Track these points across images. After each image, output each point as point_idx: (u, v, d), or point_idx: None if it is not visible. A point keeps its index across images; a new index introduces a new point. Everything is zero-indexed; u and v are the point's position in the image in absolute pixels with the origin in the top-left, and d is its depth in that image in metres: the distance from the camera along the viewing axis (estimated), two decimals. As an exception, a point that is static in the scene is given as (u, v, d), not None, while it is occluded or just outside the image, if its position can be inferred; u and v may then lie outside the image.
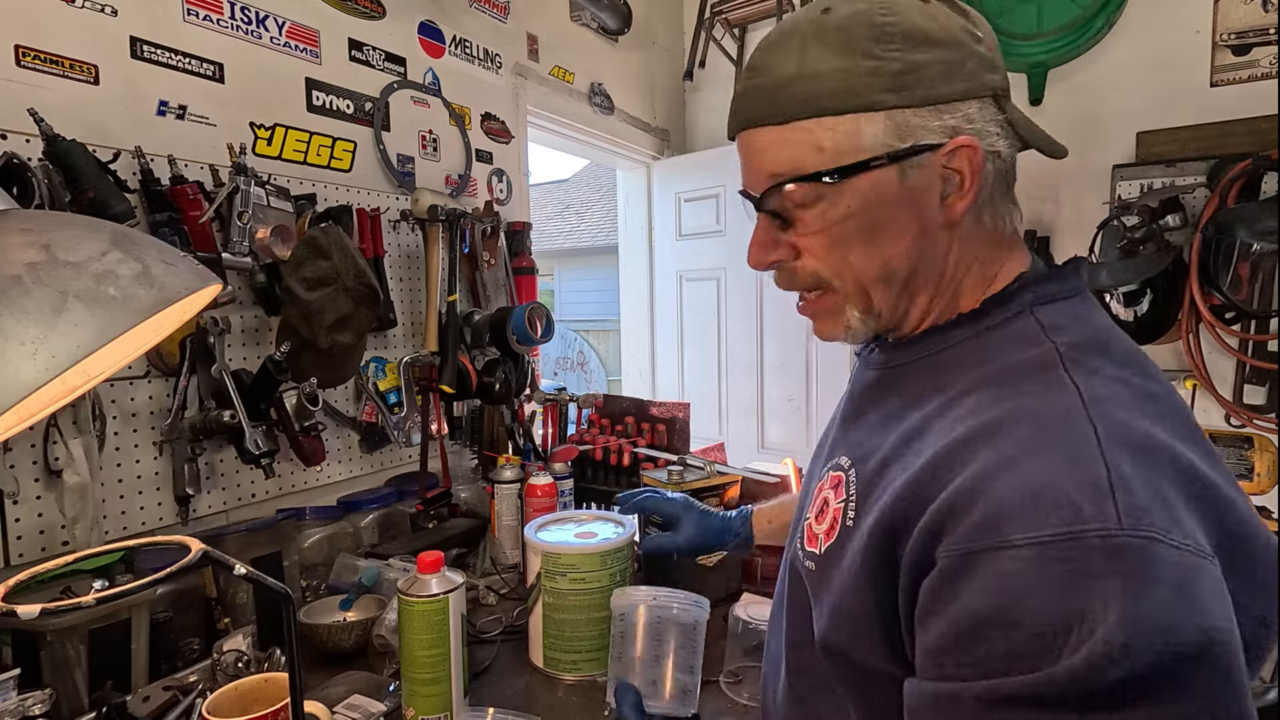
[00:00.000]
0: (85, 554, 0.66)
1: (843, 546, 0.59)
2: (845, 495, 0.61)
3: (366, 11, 1.74)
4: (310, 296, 1.35)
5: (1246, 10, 2.05)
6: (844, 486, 0.62)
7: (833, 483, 0.64)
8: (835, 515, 0.61)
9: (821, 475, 0.68)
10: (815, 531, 0.64)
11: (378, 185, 1.77)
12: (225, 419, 1.29)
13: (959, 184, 0.58)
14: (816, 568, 0.62)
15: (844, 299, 0.63)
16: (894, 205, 0.58)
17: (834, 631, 0.59)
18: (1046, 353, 0.55)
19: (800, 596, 0.66)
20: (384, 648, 1.15)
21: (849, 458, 0.64)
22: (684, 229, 3.03)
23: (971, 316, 0.61)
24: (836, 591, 0.58)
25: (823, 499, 0.65)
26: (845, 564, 0.58)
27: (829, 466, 0.67)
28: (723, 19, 2.90)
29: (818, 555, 0.62)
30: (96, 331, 0.50)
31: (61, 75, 1.22)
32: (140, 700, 0.98)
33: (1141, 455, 0.47)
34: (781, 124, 0.58)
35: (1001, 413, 0.52)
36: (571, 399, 1.97)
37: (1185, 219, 1.98)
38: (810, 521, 0.65)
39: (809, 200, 0.59)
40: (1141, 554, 0.43)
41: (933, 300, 0.62)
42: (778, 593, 0.76)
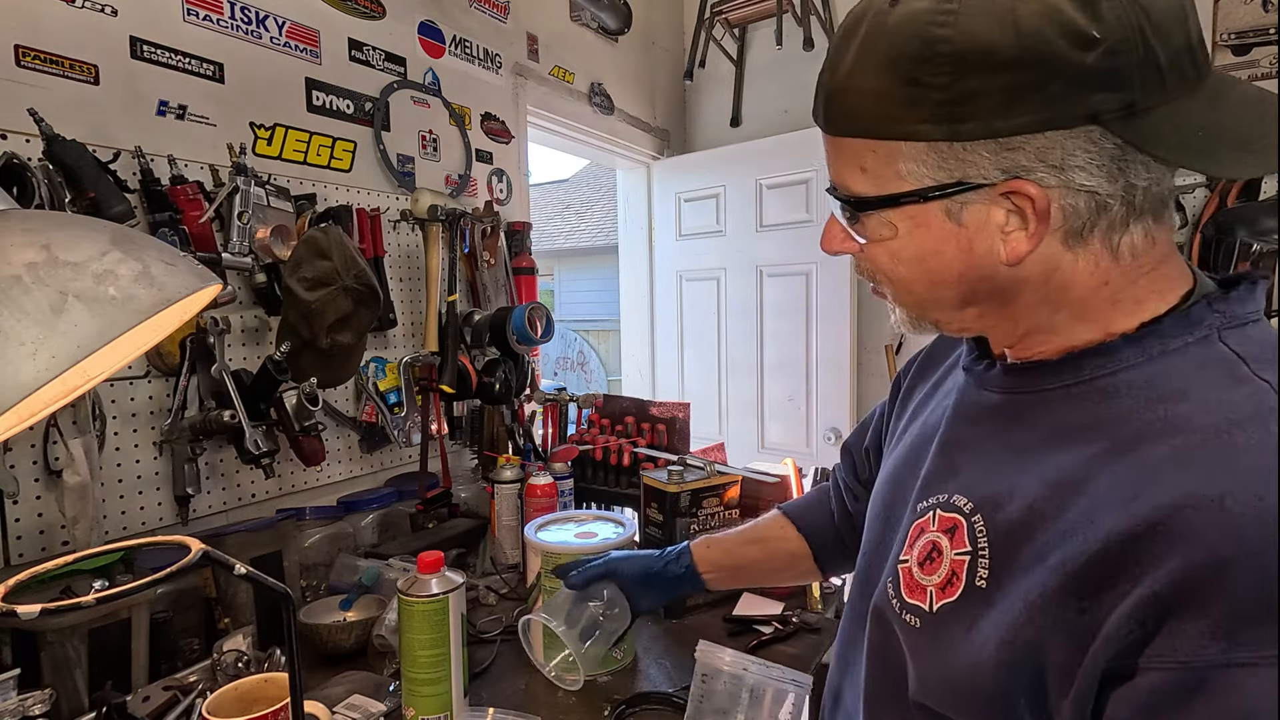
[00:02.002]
0: (85, 554, 0.66)
1: (971, 612, 0.51)
2: (970, 548, 0.53)
3: (366, 11, 1.74)
4: (310, 296, 1.35)
5: (1246, 10, 2.05)
6: (966, 535, 0.53)
7: (944, 525, 0.56)
8: (955, 569, 0.53)
9: (919, 512, 0.59)
10: (921, 582, 0.56)
11: (378, 185, 1.77)
12: (225, 419, 1.29)
13: (1020, 224, 0.50)
14: (923, 626, 0.55)
15: (899, 303, 0.59)
16: (938, 239, 0.52)
17: (943, 701, 0.53)
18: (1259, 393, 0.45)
19: (889, 647, 0.59)
20: (384, 648, 1.15)
21: (968, 499, 0.55)
22: (684, 229, 3.03)
23: (1142, 338, 0.50)
24: (954, 661, 0.51)
25: (929, 544, 0.56)
26: (974, 636, 0.50)
27: (933, 504, 0.58)
28: (723, 19, 2.90)
29: (926, 613, 0.54)
30: (96, 331, 0.50)
31: (61, 75, 1.22)
32: (140, 700, 0.98)
33: None
34: (832, 135, 0.55)
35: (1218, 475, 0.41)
36: (571, 399, 1.97)
37: (1185, 219, 1.98)
38: (912, 568, 0.57)
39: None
40: None
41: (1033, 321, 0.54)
42: (849, 633, 0.69)
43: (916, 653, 0.55)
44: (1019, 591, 0.48)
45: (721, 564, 1.00)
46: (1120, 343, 0.51)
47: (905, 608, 0.57)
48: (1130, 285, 0.51)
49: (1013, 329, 0.56)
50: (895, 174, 0.51)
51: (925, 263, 0.54)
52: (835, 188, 0.56)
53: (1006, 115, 0.46)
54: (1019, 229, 0.50)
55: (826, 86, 0.54)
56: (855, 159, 0.53)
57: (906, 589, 0.57)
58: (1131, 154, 0.47)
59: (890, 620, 0.59)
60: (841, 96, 0.52)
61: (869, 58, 0.50)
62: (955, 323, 0.58)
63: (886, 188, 0.52)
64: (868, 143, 0.52)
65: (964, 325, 0.58)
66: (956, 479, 0.57)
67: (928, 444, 0.64)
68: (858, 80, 0.51)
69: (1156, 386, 0.48)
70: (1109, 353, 0.51)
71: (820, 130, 0.57)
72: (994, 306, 0.55)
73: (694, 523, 1.43)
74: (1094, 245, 0.50)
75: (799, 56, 2.78)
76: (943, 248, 0.53)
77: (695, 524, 1.43)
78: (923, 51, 0.47)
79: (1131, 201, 0.49)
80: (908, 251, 0.54)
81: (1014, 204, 0.49)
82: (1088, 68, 0.44)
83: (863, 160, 0.53)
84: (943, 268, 0.53)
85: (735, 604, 1.37)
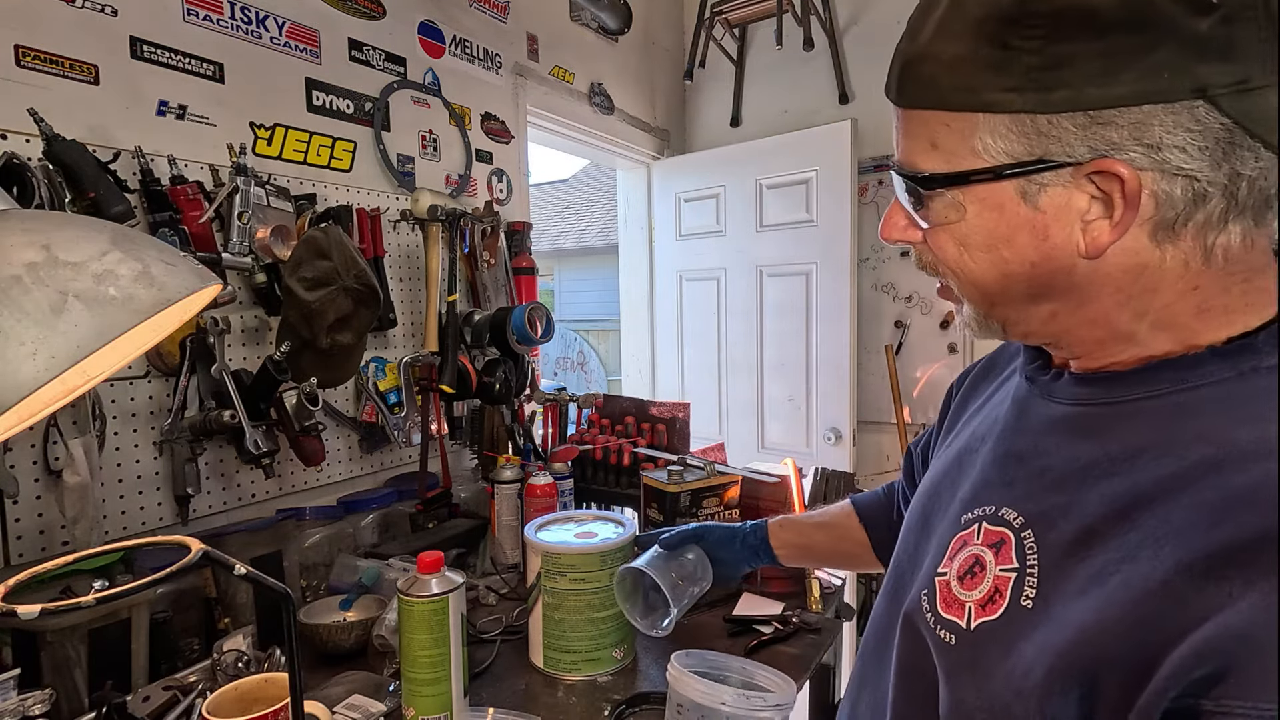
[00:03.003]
0: (85, 554, 0.66)
1: (1016, 633, 0.47)
2: (1017, 564, 0.49)
3: (366, 11, 1.74)
4: (310, 296, 1.35)
5: (1246, 10, 2.05)
6: (1013, 552, 0.50)
7: (989, 539, 0.53)
8: (998, 586, 0.50)
9: (963, 524, 0.56)
10: (960, 597, 0.53)
11: (378, 185, 1.77)
12: (225, 419, 1.29)
13: (1103, 211, 0.46)
14: (960, 643, 0.51)
15: (966, 298, 0.54)
16: (1010, 225, 0.48)
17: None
18: None
19: (920, 662, 0.55)
20: (384, 648, 1.15)
21: (1018, 513, 0.52)
22: (684, 229, 3.03)
23: (1233, 352, 0.46)
24: (993, 688, 0.48)
25: (971, 557, 0.53)
26: (1018, 661, 0.46)
27: (978, 515, 0.55)
28: (723, 19, 2.90)
29: (964, 630, 0.51)
30: (96, 331, 0.50)
31: (61, 75, 1.22)
32: (140, 700, 0.98)
33: None
34: (905, 107, 0.51)
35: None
36: (571, 399, 1.97)
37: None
38: (950, 581, 0.54)
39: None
40: None
41: (1110, 329, 0.50)
42: (874, 643, 0.66)
43: (951, 673, 0.52)
44: (1071, 615, 0.44)
45: (794, 543, 1.07)
46: (1207, 355, 0.46)
47: (941, 623, 0.54)
48: (1222, 294, 0.47)
49: (1088, 333, 0.51)
50: (970, 150, 0.47)
51: (995, 251, 0.50)
52: (901, 167, 0.52)
53: (1102, 84, 0.42)
54: (1102, 217, 0.46)
55: (904, 55, 0.50)
56: (927, 134, 0.49)
57: (943, 604, 0.54)
58: (1241, 137, 0.42)
59: (924, 634, 0.55)
60: (918, 65, 0.49)
61: (954, 21, 0.46)
62: (1025, 323, 0.53)
63: (959, 165, 0.48)
64: (943, 115, 0.48)
65: (1034, 327, 0.53)
66: (1009, 491, 0.54)
67: (973, 455, 0.61)
68: (938, 46, 0.47)
69: (1246, 406, 0.44)
70: (1193, 365, 0.47)
71: (892, 105, 0.53)
72: (1070, 307, 0.50)
73: (694, 523, 1.43)
74: (1185, 242, 0.45)
75: (799, 56, 2.78)
76: (1015, 234, 0.48)
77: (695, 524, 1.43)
78: (1015, 10, 0.43)
79: (1235, 194, 0.43)
80: (976, 238, 0.50)
81: (1099, 188, 0.45)
82: (1201, 34, 0.40)
83: (935, 135, 0.49)
84: (1014, 257, 0.49)
85: (735, 604, 1.37)
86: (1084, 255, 0.47)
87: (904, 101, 0.50)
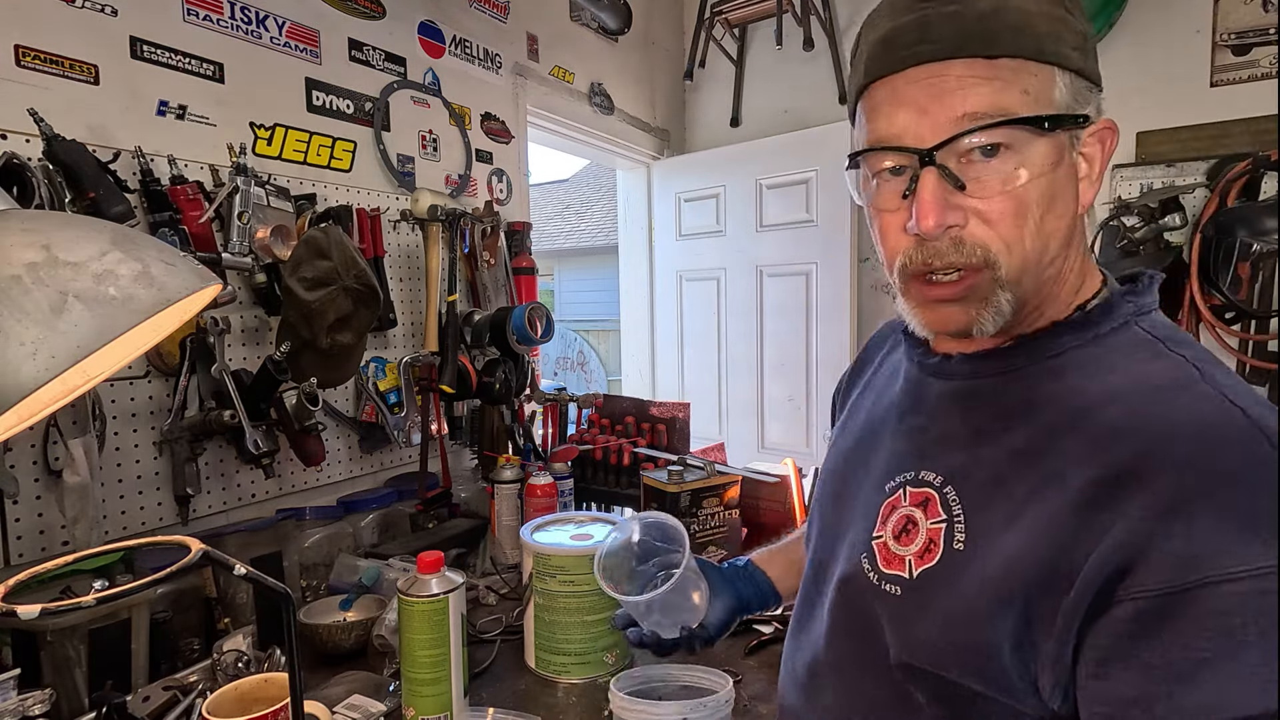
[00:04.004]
0: (85, 554, 0.66)
1: (954, 573, 0.54)
2: (945, 516, 0.56)
3: (366, 11, 1.74)
4: (310, 296, 1.35)
5: (1246, 10, 2.05)
6: (939, 506, 0.57)
7: (915, 500, 0.59)
8: (932, 538, 0.57)
9: (887, 492, 0.63)
10: (899, 553, 0.59)
11: (378, 185, 1.77)
12: (225, 419, 1.29)
13: (1087, 171, 0.55)
14: (905, 592, 0.58)
15: (1002, 280, 0.54)
16: (1065, 176, 0.53)
17: (933, 657, 0.55)
18: (1180, 365, 0.52)
19: (863, 620, 0.61)
20: (384, 648, 1.15)
21: (936, 474, 0.58)
22: (684, 229, 3.03)
23: (1075, 325, 0.56)
24: (943, 618, 0.54)
25: (903, 517, 0.60)
26: (960, 591, 0.53)
27: (901, 482, 0.62)
28: (723, 19, 2.89)
29: (908, 580, 0.57)
30: (96, 331, 0.50)
31: (61, 75, 1.22)
32: (140, 700, 0.98)
33: None
34: (991, 57, 0.51)
35: (1166, 434, 0.47)
36: (571, 399, 1.97)
37: (1185, 219, 1.98)
38: (887, 541, 0.60)
39: (999, 153, 0.51)
40: None
41: (1041, 302, 0.57)
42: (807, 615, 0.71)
43: (900, 619, 0.58)
44: (998, 549, 0.52)
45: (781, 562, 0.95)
46: (1061, 328, 0.57)
47: (885, 579, 0.59)
48: (1087, 264, 0.59)
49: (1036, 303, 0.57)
50: (1050, 100, 0.51)
51: (1055, 205, 0.53)
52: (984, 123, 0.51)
53: (1095, 61, 0.53)
54: (1086, 175, 0.55)
55: (968, 14, 0.51)
56: (1018, 81, 0.51)
57: (884, 562, 0.60)
58: None
59: (866, 594, 0.61)
60: (1002, 15, 0.50)
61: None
62: (1043, 287, 0.56)
63: (1051, 112, 0.51)
64: (1029, 65, 0.51)
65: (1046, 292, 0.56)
66: (922, 458, 0.61)
67: (876, 436, 0.68)
68: (1017, 2, 0.51)
69: (1097, 364, 0.54)
70: (1052, 337, 0.57)
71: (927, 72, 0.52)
72: (1057, 268, 0.56)
73: (694, 523, 1.43)
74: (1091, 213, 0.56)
75: (799, 56, 2.78)
76: (1068, 186, 0.54)
77: (695, 524, 1.43)
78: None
79: None
80: (1047, 188, 0.52)
81: (1084, 151, 0.54)
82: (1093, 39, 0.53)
83: (1025, 83, 0.51)
84: (1065, 212, 0.54)
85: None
86: (1083, 209, 0.56)
87: (995, 51, 0.51)
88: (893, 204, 0.56)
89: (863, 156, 0.57)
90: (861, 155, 0.57)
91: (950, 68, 0.51)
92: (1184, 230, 1.98)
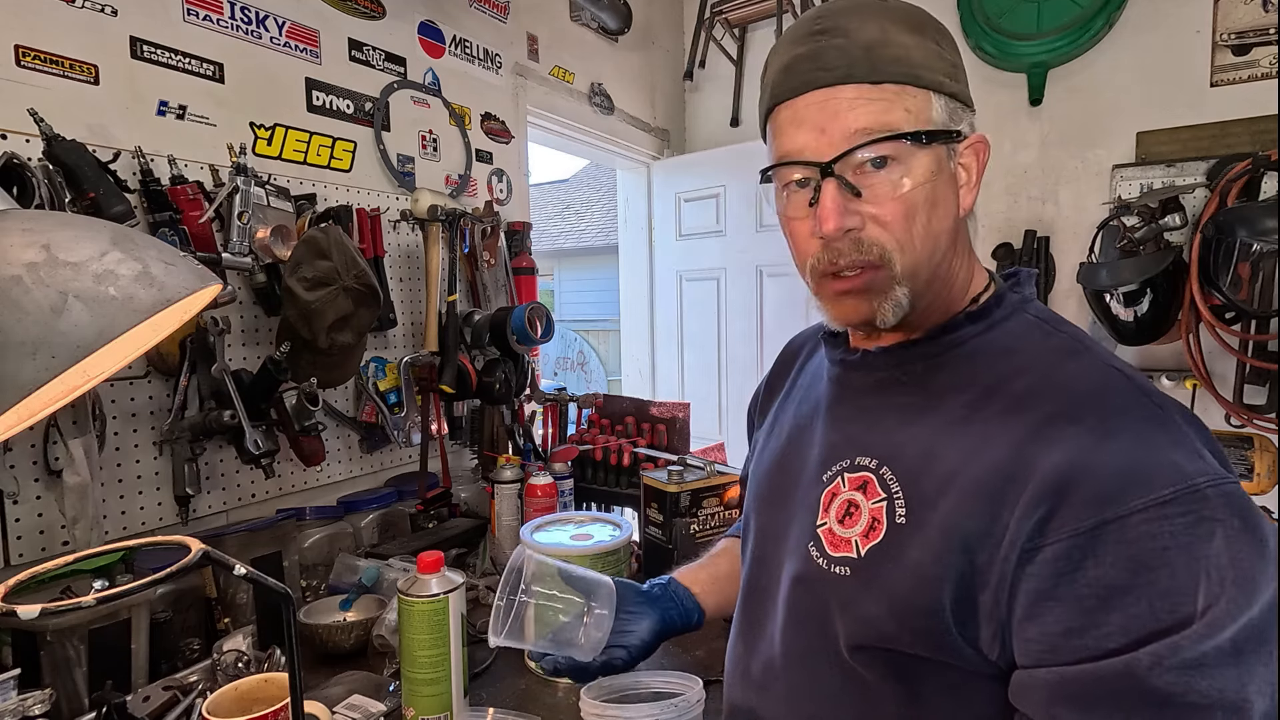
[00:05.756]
0: (85, 554, 0.66)
1: (899, 544, 0.59)
2: (884, 494, 0.61)
3: (366, 11, 1.74)
4: (310, 296, 1.35)
5: (1246, 10, 2.05)
6: (878, 486, 0.62)
7: (854, 484, 0.64)
8: (875, 516, 0.61)
9: (825, 481, 0.67)
10: (844, 535, 0.63)
11: (378, 185, 1.77)
12: (225, 419, 1.29)
13: (966, 178, 0.63)
14: (855, 572, 0.61)
15: (898, 275, 0.60)
16: (945, 184, 0.61)
17: (884, 631, 0.59)
18: (1070, 340, 0.61)
19: (815, 608, 0.65)
20: (384, 648, 1.15)
21: (873, 458, 0.64)
22: (684, 229, 3.03)
23: (975, 316, 0.64)
24: (893, 590, 0.58)
25: (845, 502, 0.64)
26: (908, 560, 0.58)
27: (839, 470, 0.66)
28: (723, 19, 2.90)
29: (856, 559, 0.61)
30: (96, 331, 0.50)
31: (61, 75, 1.22)
32: (140, 700, 0.98)
33: (1187, 417, 0.54)
34: (876, 83, 0.58)
35: (1065, 396, 0.55)
36: (571, 399, 1.97)
37: (1185, 219, 1.98)
38: (832, 527, 0.64)
39: (887, 164, 0.59)
40: (1243, 495, 0.50)
41: (933, 295, 0.64)
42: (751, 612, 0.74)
43: (849, 601, 0.62)
44: (938, 515, 0.57)
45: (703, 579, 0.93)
46: (963, 319, 0.64)
47: (833, 562, 0.63)
48: (973, 262, 0.67)
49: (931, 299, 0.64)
50: (928, 120, 0.59)
51: (938, 208, 0.61)
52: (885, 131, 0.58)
53: (964, 85, 0.62)
54: (965, 183, 0.63)
55: (854, 46, 0.59)
56: (901, 103, 0.59)
57: (831, 547, 0.64)
58: None
59: (816, 584, 0.65)
60: (884, 48, 0.58)
61: (895, 24, 0.59)
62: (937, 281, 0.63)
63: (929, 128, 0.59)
64: (909, 89, 0.59)
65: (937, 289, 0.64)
66: (855, 445, 0.66)
67: (807, 432, 0.73)
68: (895, 38, 0.59)
69: (999, 346, 0.63)
70: (957, 328, 0.64)
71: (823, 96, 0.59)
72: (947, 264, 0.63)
73: (694, 523, 1.43)
74: (973, 218, 0.67)
75: (799, 56, 2.78)
76: (949, 191, 0.62)
77: (695, 524, 1.43)
78: (934, 25, 0.61)
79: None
80: (929, 194, 0.60)
81: (962, 162, 0.62)
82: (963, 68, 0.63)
83: (907, 104, 0.59)
84: (947, 214, 0.62)
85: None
86: (962, 212, 0.63)
87: (879, 76, 0.59)
88: (801, 212, 0.63)
89: (773, 171, 0.65)
90: (772, 170, 0.65)
91: (842, 91, 0.59)
92: (1184, 230, 1.98)
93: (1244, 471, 1.80)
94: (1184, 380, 2.11)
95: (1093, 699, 0.49)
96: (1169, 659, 0.46)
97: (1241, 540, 0.47)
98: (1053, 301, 2.36)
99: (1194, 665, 0.45)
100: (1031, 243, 2.35)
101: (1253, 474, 1.79)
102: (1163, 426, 0.52)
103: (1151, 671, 0.46)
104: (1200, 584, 0.46)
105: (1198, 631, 0.46)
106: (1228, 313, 1.92)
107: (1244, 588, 0.46)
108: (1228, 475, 0.50)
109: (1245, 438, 1.83)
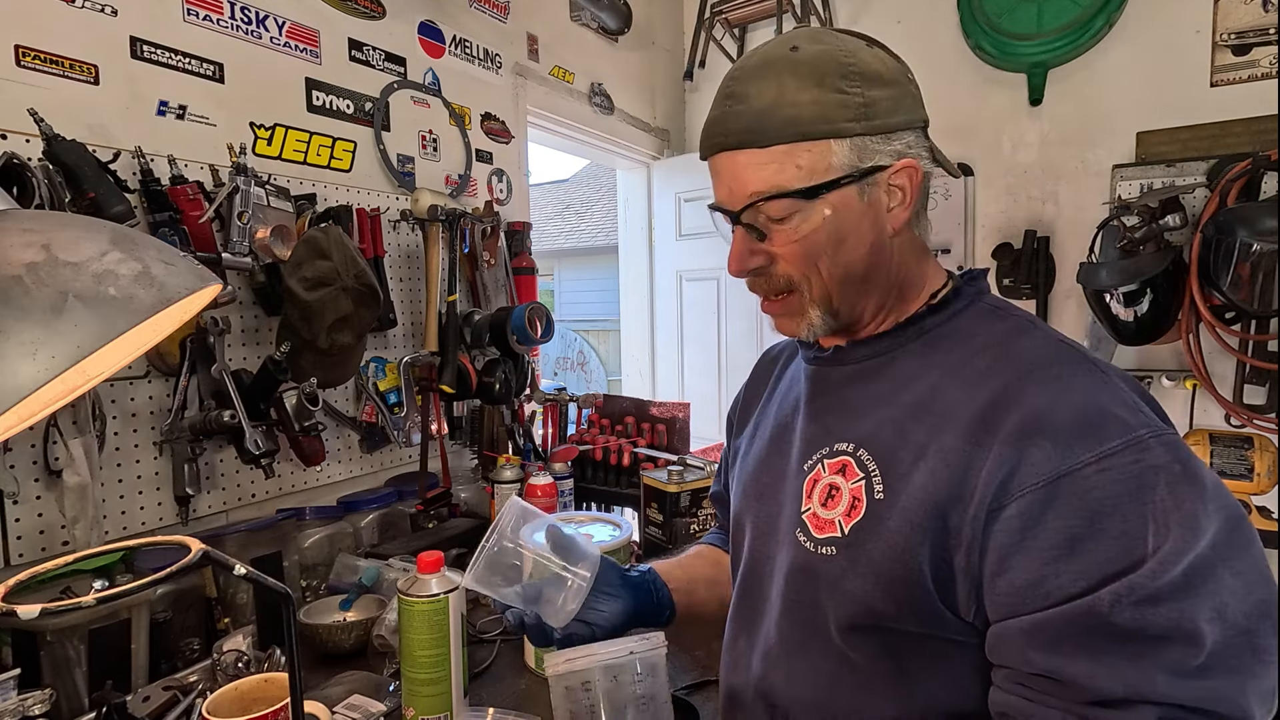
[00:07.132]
0: (85, 554, 0.66)
1: (879, 517, 0.63)
2: (862, 474, 0.66)
3: (366, 11, 1.74)
4: (310, 296, 1.35)
5: (1246, 10, 2.05)
6: (856, 467, 0.67)
7: (834, 468, 0.69)
8: (855, 495, 0.66)
9: (806, 470, 0.72)
10: (828, 517, 0.68)
11: (378, 185, 1.77)
12: (225, 419, 1.29)
13: (901, 198, 0.67)
14: (840, 549, 0.66)
15: (809, 300, 0.69)
16: (855, 218, 0.66)
17: (871, 604, 0.63)
18: (1021, 321, 0.68)
19: (807, 597, 0.69)
20: (384, 648, 1.15)
21: (849, 442, 0.68)
22: (684, 229, 3.03)
23: (935, 309, 0.71)
24: (877, 562, 0.63)
25: (826, 486, 0.69)
26: (888, 531, 0.62)
27: (818, 458, 0.71)
28: (723, 19, 2.89)
29: (841, 538, 0.66)
30: (96, 331, 0.50)
31: (61, 75, 1.22)
32: (140, 700, 0.98)
33: (1125, 379, 0.61)
34: (764, 147, 0.64)
35: (1020, 366, 0.61)
36: (571, 399, 1.97)
37: (1185, 219, 1.97)
38: (815, 511, 0.69)
39: (785, 214, 0.65)
40: (1181, 444, 0.56)
41: (884, 300, 0.71)
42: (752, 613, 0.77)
43: (839, 578, 0.66)
44: (913, 487, 0.62)
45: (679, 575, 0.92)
46: (926, 311, 0.71)
47: (820, 544, 0.68)
48: (927, 266, 0.73)
49: (881, 302, 0.71)
50: (827, 167, 0.64)
51: (845, 242, 0.66)
52: (775, 192, 0.65)
53: (893, 115, 0.65)
54: (898, 204, 0.67)
55: (748, 113, 0.64)
56: (790, 160, 0.64)
57: (816, 529, 0.68)
58: (929, 154, 0.69)
59: (806, 570, 0.69)
60: (775, 112, 0.64)
61: (794, 80, 0.64)
62: (860, 301, 0.70)
63: (824, 178, 0.64)
64: (804, 145, 0.64)
65: (864, 304, 0.70)
66: (832, 433, 0.71)
67: (788, 429, 0.78)
68: (790, 97, 0.63)
69: (961, 332, 0.69)
70: (921, 319, 0.70)
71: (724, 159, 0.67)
72: (879, 279, 0.69)
73: (694, 522, 1.43)
74: (921, 224, 0.71)
75: (799, 56, 2.78)
76: (859, 225, 0.66)
77: (695, 524, 1.43)
78: (841, 70, 0.64)
79: (929, 192, 0.71)
80: (831, 233, 0.66)
81: (894, 184, 0.66)
82: (915, 93, 0.69)
83: (798, 159, 0.64)
84: (859, 244, 0.67)
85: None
86: (891, 233, 0.68)
87: (769, 140, 0.64)
88: None
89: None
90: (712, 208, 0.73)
91: (738, 156, 0.66)
92: (1184, 230, 1.98)
93: (1244, 471, 1.80)
94: (1184, 380, 2.11)
95: (1062, 639, 0.53)
96: (1127, 597, 0.50)
97: (1183, 484, 0.53)
98: (1053, 301, 2.36)
99: (1150, 600, 0.50)
100: (1031, 243, 2.35)
101: (1252, 474, 1.79)
102: (1106, 386, 0.58)
103: (1113, 609, 0.51)
104: (1149, 527, 0.51)
105: (1151, 569, 0.50)
106: (1228, 313, 1.92)
107: (1189, 526, 0.51)
108: (1167, 427, 0.57)
109: (1245, 438, 1.83)
